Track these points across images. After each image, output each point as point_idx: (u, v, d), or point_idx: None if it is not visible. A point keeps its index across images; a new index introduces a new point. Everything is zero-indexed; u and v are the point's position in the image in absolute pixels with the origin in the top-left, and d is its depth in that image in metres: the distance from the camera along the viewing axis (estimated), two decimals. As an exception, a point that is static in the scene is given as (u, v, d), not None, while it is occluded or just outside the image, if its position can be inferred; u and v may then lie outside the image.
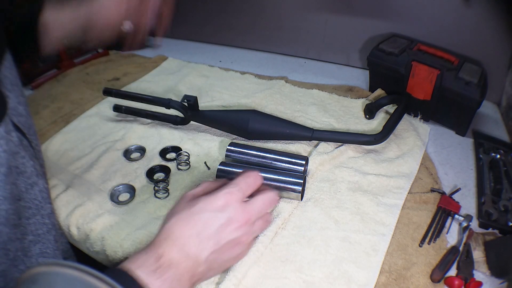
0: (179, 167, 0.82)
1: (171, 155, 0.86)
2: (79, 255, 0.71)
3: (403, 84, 0.97)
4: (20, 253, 0.42)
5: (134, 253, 0.41)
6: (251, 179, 0.50)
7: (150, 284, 0.37)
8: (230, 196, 0.46)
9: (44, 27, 0.58)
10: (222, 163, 0.75)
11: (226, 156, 0.79)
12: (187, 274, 0.42)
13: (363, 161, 0.82)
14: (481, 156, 0.84)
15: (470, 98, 0.87)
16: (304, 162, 0.76)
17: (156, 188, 0.75)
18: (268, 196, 0.51)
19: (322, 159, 0.81)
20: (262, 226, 0.51)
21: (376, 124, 0.95)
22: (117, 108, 0.96)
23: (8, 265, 0.41)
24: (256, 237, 0.52)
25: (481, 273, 0.61)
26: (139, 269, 0.38)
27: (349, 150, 0.85)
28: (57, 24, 0.59)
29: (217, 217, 0.44)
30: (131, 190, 0.76)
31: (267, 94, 1.07)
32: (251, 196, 0.51)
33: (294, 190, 0.70)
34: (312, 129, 0.85)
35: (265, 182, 0.71)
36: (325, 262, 0.61)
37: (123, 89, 1.11)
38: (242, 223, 0.46)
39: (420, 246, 0.65)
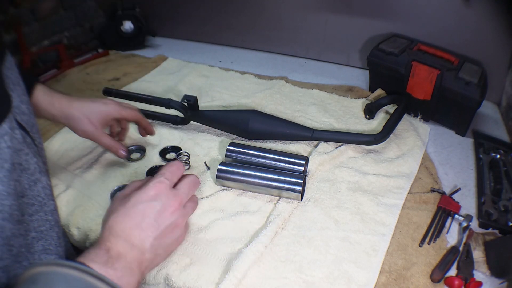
0: (179, 167, 0.82)
1: (171, 155, 0.86)
2: (79, 255, 0.71)
3: (403, 84, 0.97)
4: (24, 249, 0.43)
5: (85, 250, 0.45)
6: (174, 168, 0.54)
7: (105, 273, 0.41)
8: (160, 185, 0.51)
9: (32, 106, 0.64)
10: (222, 163, 0.75)
11: (226, 156, 0.79)
12: (136, 263, 0.46)
13: (363, 161, 0.82)
14: (481, 156, 0.84)
15: (470, 98, 0.87)
16: (304, 162, 0.76)
17: (156, 188, 0.75)
18: (191, 179, 0.56)
19: (322, 159, 0.81)
20: (193, 206, 0.56)
21: (376, 124, 0.95)
22: (117, 108, 0.96)
23: (11, 261, 0.41)
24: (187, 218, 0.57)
25: (481, 273, 0.61)
26: (93, 262, 0.41)
27: (349, 150, 0.85)
28: (43, 111, 0.68)
29: (152, 205, 0.49)
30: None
31: (267, 94, 1.07)
32: (176, 184, 0.55)
33: (294, 190, 0.70)
34: (312, 129, 0.85)
35: (265, 182, 0.71)
36: (325, 262, 0.61)
37: (123, 89, 1.11)
38: (175, 207, 0.51)
39: (420, 246, 0.65)
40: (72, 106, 0.69)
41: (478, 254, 0.63)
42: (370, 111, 0.96)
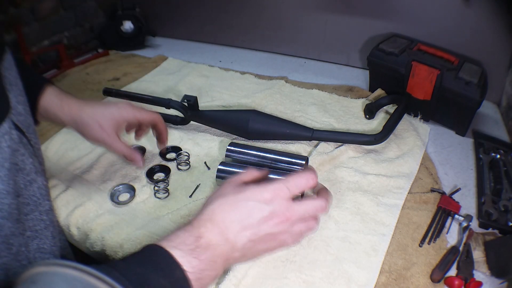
0: (179, 167, 0.82)
1: (171, 155, 0.86)
2: (79, 255, 0.71)
3: (403, 84, 0.97)
4: (23, 248, 0.43)
5: (173, 232, 0.42)
6: (303, 180, 0.49)
7: (188, 263, 0.38)
8: (278, 192, 0.47)
9: (42, 109, 0.64)
10: (222, 163, 0.75)
11: (226, 156, 0.79)
12: (222, 257, 0.43)
13: (363, 161, 0.82)
14: (481, 156, 0.84)
15: (470, 98, 0.87)
16: (304, 162, 0.76)
17: (156, 188, 0.75)
18: (317, 202, 0.50)
19: (322, 159, 0.81)
20: (303, 229, 0.50)
21: (376, 124, 0.95)
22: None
23: (11, 259, 0.41)
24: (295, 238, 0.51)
25: (481, 273, 0.61)
26: (178, 247, 0.39)
27: (349, 150, 0.85)
28: (52, 116, 0.65)
29: (262, 208, 0.45)
30: (131, 190, 0.76)
31: (267, 94, 1.07)
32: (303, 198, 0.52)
33: None
34: (312, 129, 0.85)
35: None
36: (325, 262, 0.61)
37: (123, 89, 1.11)
38: (283, 220, 0.47)
39: (420, 246, 0.65)
40: (82, 111, 0.66)
41: (478, 254, 0.63)
42: (370, 111, 0.96)
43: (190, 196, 0.75)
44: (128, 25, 1.36)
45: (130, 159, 0.71)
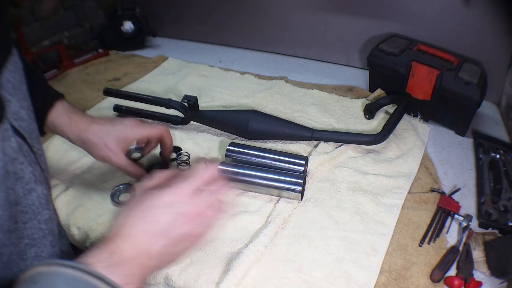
0: (179, 167, 0.82)
1: (171, 155, 0.86)
2: (79, 255, 0.71)
3: (403, 84, 0.97)
4: (15, 256, 0.42)
5: (89, 249, 0.42)
6: (206, 175, 0.50)
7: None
8: (178, 191, 0.47)
9: (51, 124, 0.63)
10: (222, 163, 0.75)
11: (226, 156, 0.79)
12: (138, 269, 0.43)
13: (363, 161, 0.82)
14: (480, 156, 0.84)
15: (469, 98, 0.87)
16: (304, 162, 0.76)
17: (156, 188, 0.75)
18: (219, 186, 0.51)
19: (322, 159, 0.81)
20: (215, 215, 0.50)
21: (376, 124, 0.95)
22: (117, 108, 0.96)
23: (1, 267, 0.41)
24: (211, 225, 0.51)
25: (480, 273, 0.61)
26: (94, 265, 0.39)
27: (349, 150, 0.85)
28: (60, 132, 0.64)
29: (165, 212, 0.45)
30: (131, 190, 0.76)
31: (267, 94, 1.07)
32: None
33: (294, 190, 0.70)
34: (312, 129, 0.85)
35: (265, 182, 0.72)
36: (325, 262, 0.61)
37: (123, 89, 1.11)
38: (192, 217, 0.46)
39: (420, 246, 0.65)
40: (89, 130, 0.65)
41: (477, 254, 0.63)
42: (370, 111, 0.96)
43: (190, 196, 0.75)
44: (128, 25, 1.35)
45: (137, 177, 0.70)
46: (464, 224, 0.68)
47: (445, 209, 0.71)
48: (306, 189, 0.75)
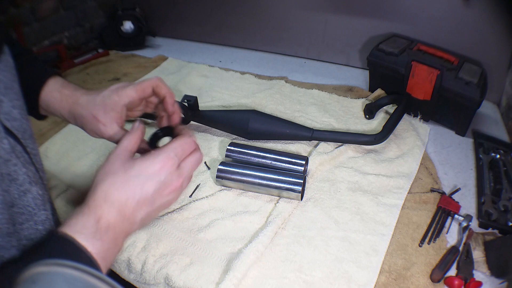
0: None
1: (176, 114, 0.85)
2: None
3: (403, 84, 0.97)
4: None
5: (71, 216, 0.42)
6: (187, 146, 0.51)
7: (92, 245, 0.39)
8: (167, 162, 0.47)
9: (44, 104, 0.59)
10: (222, 163, 0.75)
11: (226, 156, 0.79)
12: (123, 234, 0.44)
13: (363, 161, 0.82)
14: (481, 156, 0.84)
15: (470, 98, 0.87)
16: (304, 162, 0.76)
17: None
18: (196, 158, 0.52)
19: (322, 159, 0.81)
20: (188, 182, 0.52)
21: (376, 124, 0.95)
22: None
23: None
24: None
25: (481, 273, 0.61)
26: (78, 234, 0.39)
27: (349, 150, 0.85)
28: (54, 111, 0.60)
29: (153, 181, 0.46)
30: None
31: (267, 94, 1.07)
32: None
33: (294, 190, 0.70)
34: (312, 129, 0.85)
35: (265, 182, 0.71)
36: (325, 262, 0.61)
37: (123, 89, 1.11)
38: (175, 187, 0.48)
39: (420, 246, 0.65)
40: (78, 103, 0.58)
41: (478, 254, 0.63)
42: (370, 111, 0.96)
43: (190, 196, 0.75)
44: (128, 25, 1.36)
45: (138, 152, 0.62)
46: (464, 224, 0.68)
47: (445, 209, 0.71)
48: (306, 189, 0.75)
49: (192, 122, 0.93)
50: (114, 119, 0.58)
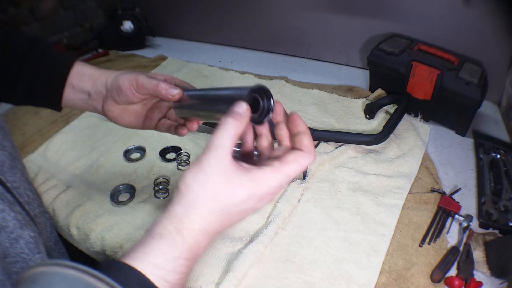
0: (179, 167, 0.82)
1: (171, 155, 0.86)
2: (79, 255, 0.71)
3: (403, 84, 0.97)
4: None
5: (165, 236, 0.34)
6: (309, 163, 0.42)
7: (165, 282, 0.33)
8: (283, 183, 0.39)
9: (70, 87, 0.55)
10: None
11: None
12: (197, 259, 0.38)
13: (363, 161, 0.82)
14: (481, 156, 0.84)
15: (470, 98, 0.87)
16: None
17: (156, 188, 0.75)
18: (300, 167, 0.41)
19: (322, 159, 0.81)
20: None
21: (376, 124, 0.95)
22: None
23: None
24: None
25: (481, 273, 0.61)
26: (179, 262, 0.33)
27: (349, 150, 0.84)
28: (80, 87, 0.55)
29: (244, 213, 0.38)
30: (131, 190, 0.76)
31: (267, 94, 1.07)
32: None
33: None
34: (312, 129, 0.85)
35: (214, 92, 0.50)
36: (325, 262, 0.61)
37: (123, 89, 1.11)
38: (266, 202, 0.40)
39: (420, 246, 0.65)
40: (121, 73, 0.53)
41: (478, 254, 0.63)
42: (370, 111, 0.96)
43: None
44: (128, 25, 1.35)
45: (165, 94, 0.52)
46: (465, 224, 0.68)
47: (446, 209, 0.70)
48: (306, 189, 0.75)
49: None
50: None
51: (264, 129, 0.44)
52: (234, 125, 0.37)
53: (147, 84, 0.51)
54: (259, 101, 0.42)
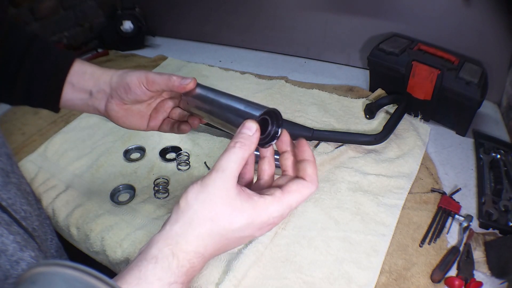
0: (179, 167, 0.82)
1: (171, 155, 0.86)
2: (79, 255, 0.71)
3: (404, 84, 0.97)
4: None
5: (150, 264, 0.33)
6: (312, 192, 0.42)
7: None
8: (285, 213, 0.39)
9: (70, 86, 0.54)
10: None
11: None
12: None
13: (363, 161, 0.82)
14: (481, 156, 0.84)
15: (470, 98, 0.87)
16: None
17: (156, 188, 0.75)
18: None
19: (322, 159, 0.81)
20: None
21: (377, 124, 0.95)
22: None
23: None
24: None
25: (481, 273, 0.61)
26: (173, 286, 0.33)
27: (349, 150, 0.84)
28: (82, 85, 0.54)
29: (242, 241, 0.39)
30: (131, 190, 0.76)
31: (267, 94, 1.07)
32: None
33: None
34: (312, 129, 0.84)
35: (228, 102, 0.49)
36: (326, 263, 0.61)
37: (123, 89, 1.10)
38: (265, 231, 0.40)
39: (420, 246, 0.65)
40: (124, 72, 0.53)
41: (478, 254, 0.63)
42: (370, 111, 0.96)
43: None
44: (128, 25, 1.35)
45: (178, 86, 0.51)
46: (465, 224, 0.68)
47: (446, 209, 0.70)
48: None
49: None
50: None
51: (267, 153, 0.44)
52: (242, 149, 0.37)
53: (158, 80, 0.50)
54: (268, 125, 0.42)
